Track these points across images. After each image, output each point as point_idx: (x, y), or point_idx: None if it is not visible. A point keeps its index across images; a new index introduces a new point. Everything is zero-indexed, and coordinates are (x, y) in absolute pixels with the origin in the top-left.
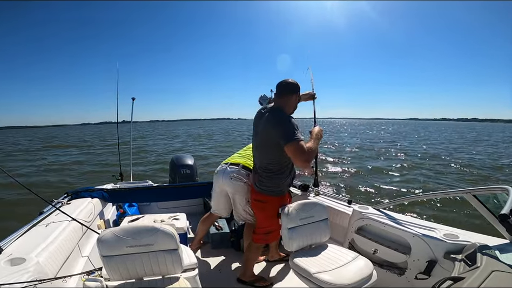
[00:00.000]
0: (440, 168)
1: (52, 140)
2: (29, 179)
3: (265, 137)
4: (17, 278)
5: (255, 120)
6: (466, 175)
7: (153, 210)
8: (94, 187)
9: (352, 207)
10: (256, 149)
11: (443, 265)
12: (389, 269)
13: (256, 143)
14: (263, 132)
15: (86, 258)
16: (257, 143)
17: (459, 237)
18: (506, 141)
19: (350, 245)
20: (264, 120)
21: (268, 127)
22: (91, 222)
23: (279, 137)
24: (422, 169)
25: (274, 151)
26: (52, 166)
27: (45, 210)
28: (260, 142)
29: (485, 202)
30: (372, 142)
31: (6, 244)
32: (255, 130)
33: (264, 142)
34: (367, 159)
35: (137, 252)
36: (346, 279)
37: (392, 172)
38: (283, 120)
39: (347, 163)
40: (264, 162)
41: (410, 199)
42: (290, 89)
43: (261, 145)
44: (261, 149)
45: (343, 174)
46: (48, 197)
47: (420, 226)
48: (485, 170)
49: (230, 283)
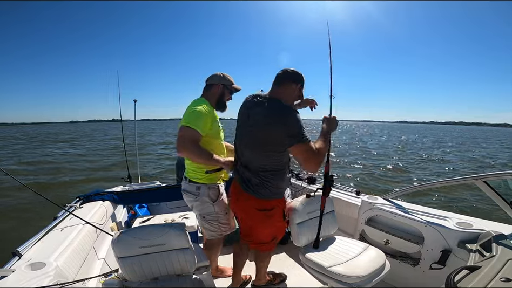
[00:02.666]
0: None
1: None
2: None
3: (264, 133)
4: (40, 282)
5: (243, 110)
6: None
7: (163, 209)
8: (104, 190)
9: (361, 198)
10: (247, 147)
11: (458, 254)
12: (402, 260)
13: (248, 140)
14: (262, 127)
15: (102, 260)
16: (251, 140)
17: (473, 225)
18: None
19: (361, 236)
20: (261, 112)
21: (268, 121)
22: (103, 224)
23: (285, 135)
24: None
25: (276, 150)
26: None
27: (59, 215)
28: (256, 140)
29: (496, 188)
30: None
31: (24, 249)
32: (246, 123)
33: (264, 140)
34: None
35: (151, 252)
36: (360, 270)
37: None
38: (289, 113)
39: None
40: (263, 162)
41: (419, 188)
42: (291, 77)
43: (258, 144)
44: (258, 148)
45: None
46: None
47: (433, 215)
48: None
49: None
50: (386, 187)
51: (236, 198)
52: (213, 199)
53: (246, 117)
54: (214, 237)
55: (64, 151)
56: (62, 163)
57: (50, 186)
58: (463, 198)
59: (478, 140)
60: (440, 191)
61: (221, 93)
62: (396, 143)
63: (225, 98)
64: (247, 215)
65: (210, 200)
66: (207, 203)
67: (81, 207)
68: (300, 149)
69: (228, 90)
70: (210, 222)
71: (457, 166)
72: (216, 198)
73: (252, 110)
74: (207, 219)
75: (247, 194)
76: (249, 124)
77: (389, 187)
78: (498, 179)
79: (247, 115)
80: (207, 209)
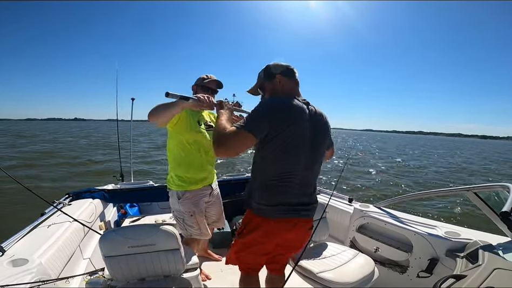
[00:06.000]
0: None
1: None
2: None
3: (324, 144)
4: (20, 279)
5: (306, 119)
6: None
7: (155, 210)
8: (95, 187)
9: (353, 205)
10: (312, 160)
11: (445, 263)
12: (390, 267)
13: (315, 154)
14: (325, 137)
15: (88, 258)
16: (319, 153)
17: (460, 234)
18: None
19: (352, 243)
20: (321, 121)
21: (327, 130)
22: (92, 223)
23: (330, 140)
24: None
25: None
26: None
27: (47, 211)
28: (320, 153)
29: (487, 200)
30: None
31: (8, 245)
32: (309, 133)
33: (323, 151)
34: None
35: (139, 252)
36: (349, 277)
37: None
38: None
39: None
40: (317, 176)
41: (411, 197)
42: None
43: (319, 156)
44: (319, 161)
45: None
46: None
47: (422, 224)
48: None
49: (231, 283)
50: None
51: (298, 236)
52: (179, 196)
53: (313, 127)
54: (185, 235)
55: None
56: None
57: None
58: (454, 208)
59: (450, 148)
60: (433, 200)
61: (195, 92)
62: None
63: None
64: (303, 244)
65: (177, 196)
66: (174, 198)
67: (70, 204)
68: (332, 149)
69: (200, 87)
70: (177, 218)
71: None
72: (181, 196)
73: (315, 117)
74: (175, 215)
75: (310, 220)
76: (313, 134)
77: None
78: (489, 191)
79: (313, 124)
80: (174, 204)
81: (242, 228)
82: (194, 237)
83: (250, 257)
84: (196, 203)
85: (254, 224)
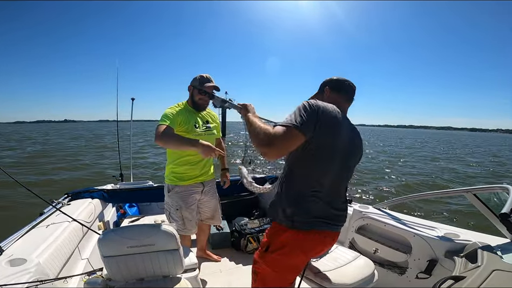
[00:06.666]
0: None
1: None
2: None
3: (356, 162)
4: (18, 279)
5: (345, 131)
6: None
7: (154, 210)
8: (94, 187)
9: (353, 206)
10: (347, 175)
11: (444, 264)
12: (389, 268)
13: (348, 170)
14: (357, 155)
15: (86, 258)
16: (350, 170)
17: (459, 236)
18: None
19: (351, 244)
20: (358, 138)
21: (361, 149)
22: (91, 223)
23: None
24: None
25: None
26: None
27: (46, 211)
28: (352, 170)
29: (486, 201)
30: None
31: (6, 244)
32: (348, 147)
33: (353, 169)
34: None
35: (138, 253)
36: (348, 279)
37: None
38: None
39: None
40: (345, 194)
41: (411, 199)
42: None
43: (351, 173)
44: (350, 177)
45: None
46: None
47: (421, 226)
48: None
49: (230, 284)
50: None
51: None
52: (169, 189)
53: (353, 142)
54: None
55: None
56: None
57: (36, 184)
58: (454, 210)
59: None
60: (432, 201)
61: (191, 94)
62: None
63: (195, 98)
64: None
65: (167, 189)
66: (166, 191)
67: (70, 204)
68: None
69: (197, 90)
70: (165, 211)
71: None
72: (171, 189)
73: (353, 132)
74: (164, 207)
75: (338, 234)
76: (352, 150)
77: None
78: (488, 193)
79: (352, 139)
80: (165, 197)
81: (269, 242)
82: (178, 232)
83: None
84: (184, 198)
85: (285, 239)
